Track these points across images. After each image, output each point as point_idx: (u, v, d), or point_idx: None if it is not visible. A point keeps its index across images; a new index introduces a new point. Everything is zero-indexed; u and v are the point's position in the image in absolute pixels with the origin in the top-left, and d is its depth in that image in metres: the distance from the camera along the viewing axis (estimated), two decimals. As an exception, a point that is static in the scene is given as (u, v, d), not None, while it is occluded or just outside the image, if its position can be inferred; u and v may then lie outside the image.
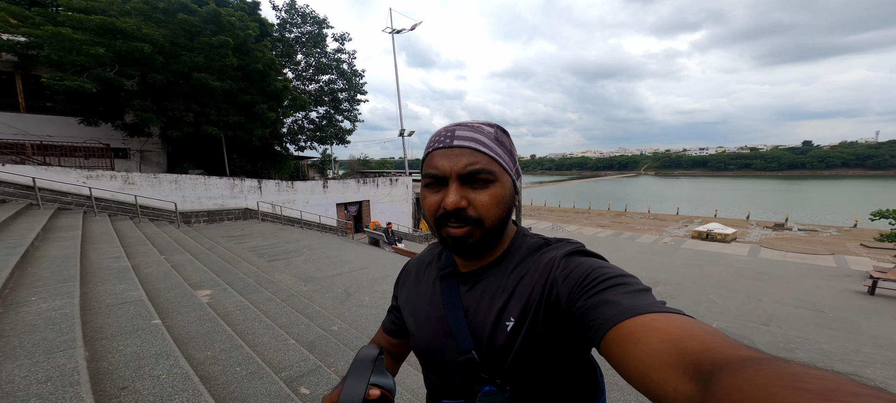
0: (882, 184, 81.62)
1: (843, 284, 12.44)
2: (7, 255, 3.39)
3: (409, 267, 0.73)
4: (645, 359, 0.34)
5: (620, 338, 0.38)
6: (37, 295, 2.67)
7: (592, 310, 0.43)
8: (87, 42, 8.57)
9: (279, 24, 17.57)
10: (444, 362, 0.59)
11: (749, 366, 0.25)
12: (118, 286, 3.30)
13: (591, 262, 0.50)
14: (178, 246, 6.25)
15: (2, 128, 10.14)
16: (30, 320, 2.24)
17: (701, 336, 0.33)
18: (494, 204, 0.53)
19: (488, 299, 0.56)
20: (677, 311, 0.39)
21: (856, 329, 7.02)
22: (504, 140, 0.56)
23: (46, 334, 2.07)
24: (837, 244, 22.39)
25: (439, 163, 0.53)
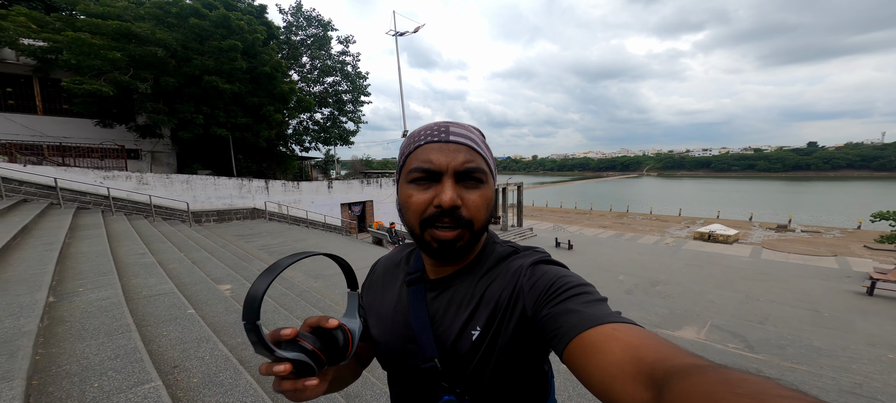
0: (888, 185, 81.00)
1: (842, 285, 12.55)
2: (47, 252, 3.67)
3: (376, 268, 0.71)
4: (606, 369, 0.36)
5: (582, 348, 0.39)
6: (83, 286, 2.93)
7: (556, 319, 0.44)
8: (105, 46, 8.89)
9: (285, 26, 17.91)
10: (406, 369, 0.59)
11: (695, 373, 0.28)
12: (150, 279, 3.57)
13: (555, 271, 0.51)
14: (194, 244, 6.53)
15: (20, 129, 10.50)
16: (84, 307, 2.50)
17: (654, 346, 0.36)
18: (484, 205, 0.53)
19: (455, 307, 0.56)
20: (631, 322, 0.42)
21: (850, 327, 7.19)
22: (486, 144, 0.57)
23: (103, 320, 2.34)
24: (840, 245, 22.38)
25: (434, 158, 0.51)
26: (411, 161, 0.53)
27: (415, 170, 0.52)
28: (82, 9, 9.58)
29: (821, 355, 4.65)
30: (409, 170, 0.53)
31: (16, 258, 3.34)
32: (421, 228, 0.52)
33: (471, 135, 0.54)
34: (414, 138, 0.54)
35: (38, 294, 2.43)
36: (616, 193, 72.54)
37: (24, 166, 7.85)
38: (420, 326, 0.56)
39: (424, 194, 0.51)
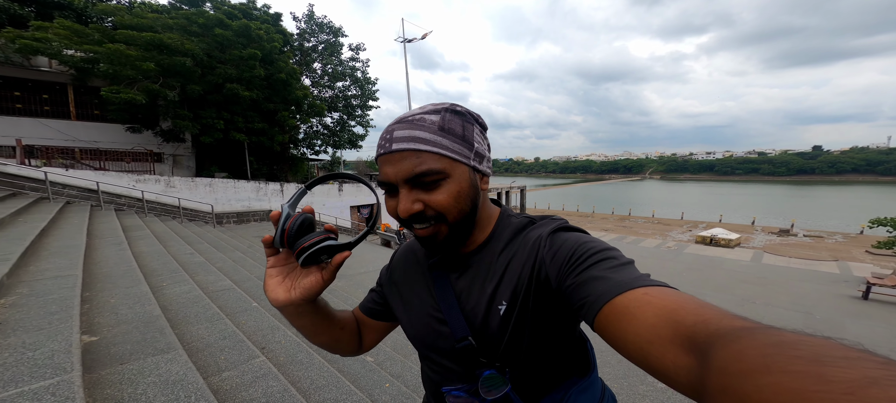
0: (893, 190, 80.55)
1: (839, 289, 12.87)
2: (121, 251, 4.20)
3: (396, 258, 0.72)
4: (641, 334, 0.35)
5: (614, 314, 0.38)
6: (165, 282, 3.46)
7: (582, 287, 0.43)
8: (140, 57, 9.49)
9: (298, 33, 18.53)
10: (440, 350, 0.60)
11: (744, 336, 0.26)
12: (209, 277, 4.09)
13: (575, 237, 0.51)
14: (226, 245, 7.07)
15: (54, 134, 11.13)
16: (177, 298, 3.03)
17: (693, 309, 0.34)
18: (452, 200, 0.51)
19: (479, 284, 0.56)
20: (664, 284, 0.40)
21: (840, 329, 7.59)
22: (453, 126, 0.52)
23: (197, 309, 2.85)
24: (842, 250, 22.59)
25: (385, 171, 0.52)
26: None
27: (379, 183, 0.55)
28: (118, 21, 10.19)
29: None
30: (378, 182, 0.56)
31: (100, 256, 3.87)
32: (407, 227, 0.54)
33: (416, 135, 0.50)
34: (376, 149, 0.55)
35: (141, 286, 2.95)
36: (618, 196, 72.69)
37: (67, 170, 8.44)
38: (448, 307, 0.57)
39: (392, 202, 0.53)
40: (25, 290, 2.41)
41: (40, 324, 1.90)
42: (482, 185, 0.56)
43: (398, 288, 0.68)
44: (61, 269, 2.95)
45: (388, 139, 0.52)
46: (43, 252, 3.49)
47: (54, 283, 2.58)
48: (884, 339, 7.18)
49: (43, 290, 2.43)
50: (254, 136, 14.07)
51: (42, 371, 1.46)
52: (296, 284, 0.54)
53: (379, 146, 0.53)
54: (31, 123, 10.78)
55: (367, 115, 20.64)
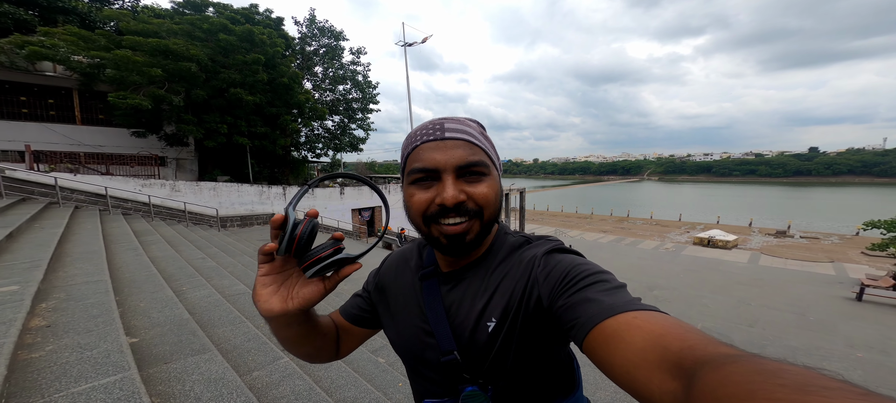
0: (889, 191, 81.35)
1: (834, 291, 13.09)
2: (137, 256, 4.36)
3: (386, 264, 0.71)
4: (629, 358, 0.35)
5: (604, 337, 0.38)
6: (184, 286, 3.61)
7: (573, 309, 0.44)
8: (147, 63, 9.64)
9: (300, 37, 18.72)
10: (425, 362, 0.59)
11: (729, 363, 0.27)
12: (223, 281, 4.25)
13: (569, 259, 0.51)
14: (234, 249, 7.21)
15: (60, 139, 11.24)
16: (199, 302, 3.19)
17: (680, 334, 0.34)
18: (492, 195, 0.52)
19: (470, 299, 0.56)
20: (653, 308, 0.40)
21: (832, 330, 7.79)
22: (486, 135, 0.57)
23: (219, 313, 3.01)
24: (838, 252, 22.87)
25: (431, 156, 0.51)
26: (411, 162, 0.54)
27: (414, 170, 0.53)
28: (123, 26, 10.34)
29: (797, 354, 5.27)
30: (410, 170, 0.53)
31: (120, 262, 4.02)
32: (426, 225, 0.52)
33: (467, 129, 0.53)
34: (411, 139, 0.54)
35: (165, 291, 3.11)
36: (617, 198, 73.05)
37: (74, 175, 8.57)
38: (436, 320, 0.56)
39: (426, 193, 0.52)
40: (63, 295, 2.56)
41: (87, 326, 2.06)
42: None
43: (386, 295, 0.67)
44: (90, 275, 3.11)
45: (438, 128, 0.53)
46: (67, 257, 3.64)
47: (88, 288, 2.74)
48: (874, 340, 7.37)
49: (79, 295, 2.59)
50: (256, 140, 14.22)
51: (104, 369, 1.62)
52: (293, 294, 0.51)
53: (421, 135, 0.53)
54: (37, 128, 10.90)
55: (367, 118, 20.83)
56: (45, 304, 2.37)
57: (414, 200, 0.53)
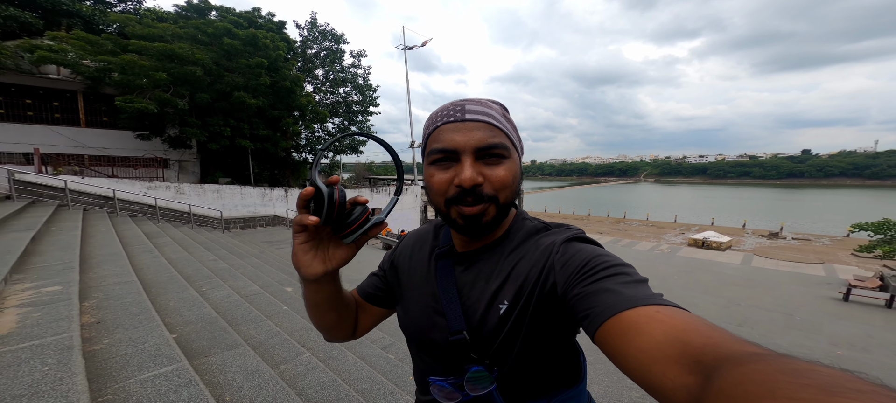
0: (879, 193, 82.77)
1: (822, 291, 13.46)
2: (155, 259, 4.55)
3: (404, 242, 0.72)
4: (646, 350, 0.34)
5: (620, 328, 0.38)
6: (204, 287, 3.82)
7: (589, 298, 0.43)
8: (153, 67, 9.81)
9: (301, 41, 18.92)
10: (432, 341, 0.59)
11: (752, 361, 0.26)
12: (240, 282, 4.46)
13: (590, 249, 0.50)
14: (242, 251, 7.40)
15: (65, 141, 11.36)
16: (221, 302, 3.40)
17: (704, 331, 0.33)
18: (510, 178, 0.52)
19: (483, 280, 0.56)
20: (675, 305, 0.40)
21: (818, 330, 8.11)
22: (509, 118, 0.56)
23: (241, 311, 3.23)
24: (829, 253, 23.35)
25: (451, 138, 0.52)
26: (431, 142, 0.54)
27: (434, 151, 0.53)
28: (129, 31, 10.49)
29: (781, 352, 5.57)
30: (430, 151, 0.54)
31: (140, 263, 4.22)
32: (446, 206, 0.53)
33: (488, 111, 0.53)
34: (433, 119, 0.55)
35: (189, 291, 3.32)
36: (614, 199, 73.68)
37: (82, 178, 8.72)
38: (448, 299, 0.57)
39: (445, 174, 0.52)
40: (101, 295, 2.77)
41: (132, 323, 2.28)
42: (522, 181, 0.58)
43: (400, 274, 0.68)
44: (119, 276, 3.31)
45: (459, 109, 0.53)
46: (92, 259, 3.83)
47: (121, 288, 2.95)
48: (857, 338, 7.69)
49: (115, 294, 2.80)
50: (258, 143, 14.39)
51: (159, 360, 1.84)
52: (329, 255, 0.54)
53: (442, 116, 0.53)
54: (43, 130, 11.01)
55: (367, 121, 21.05)
56: (87, 303, 2.58)
57: (434, 181, 0.53)
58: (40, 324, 1.92)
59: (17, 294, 2.36)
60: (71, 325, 1.93)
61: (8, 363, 1.52)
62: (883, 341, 7.50)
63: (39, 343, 1.70)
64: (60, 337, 1.78)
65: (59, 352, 1.63)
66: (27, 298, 2.29)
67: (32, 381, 1.40)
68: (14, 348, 1.64)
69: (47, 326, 1.90)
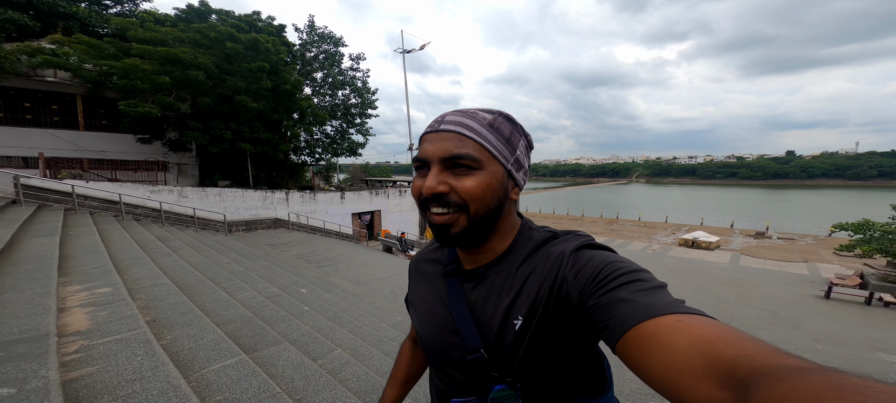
0: (860, 194, 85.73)
1: (805, 289, 14.07)
2: (175, 262, 4.72)
3: (413, 263, 0.73)
4: (670, 363, 0.33)
5: (641, 340, 0.36)
6: (230, 289, 4.02)
7: (607, 309, 0.42)
8: (156, 72, 9.88)
9: (300, 44, 19.02)
10: (450, 361, 0.59)
11: (795, 375, 0.24)
12: (259, 284, 4.66)
13: (602, 256, 0.49)
14: (252, 254, 7.56)
15: (63, 144, 11.32)
16: (249, 303, 3.61)
17: (736, 341, 0.31)
18: (479, 190, 0.51)
19: (495, 297, 0.55)
20: (699, 312, 0.38)
21: (800, 326, 8.59)
22: (502, 128, 0.54)
23: (269, 311, 3.45)
24: (812, 252, 24.26)
25: (424, 147, 0.54)
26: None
27: (414, 159, 0.55)
28: (132, 35, 10.53)
29: None
30: (413, 159, 0.56)
31: (164, 266, 4.38)
32: (422, 210, 0.54)
33: (465, 121, 0.53)
34: (424, 130, 0.57)
35: (219, 293, 3.53)
36: (607, 200, 74.83)
37: (87, 182, 8.75)
38: (461, 317, 0.57)
39: (419, 181, 0.54)
40: (145, 296, 2.97)
41: (184, 321, 2.50)
42: (512, 194, 0.56)
43: (414, 295, 0.69)
44: (152, 278, 3.50)
45: (439, 120, 0.54)
46: (122, 263, 4.00)
47: (160, 290, 3.15)
48: (837, 334, 8.17)
49: (157, 295, 3.00)
50: (259, 146, 14.47)
51: (221, 353, 2.07)
52: None
53: (428, 127, 0.55)
54: (41, 134, 10.96)
55: (365, 123, 21.21)
56: (137, 303, 2.78)
57: (412, 187, 0.55)
58: (111, 321, 2.13)
59: (72, 295, 2.55)
60: (138, 322, 2.14)
61: (104, 353, 1.74)
62: (861, 336, 7.99)
63: (120, 337, 1.92)
64: (136, 333, 2.00)
65: (141, 345, 1.85)
66: (85, 299, 2.48)
67: (133, 368, 1.63)
68: (102, 341, 1.86)
69: (119, 323, 2.12)
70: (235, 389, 1.77)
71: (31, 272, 2.73)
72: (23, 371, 1.38)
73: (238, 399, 1.70)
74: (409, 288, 0.72)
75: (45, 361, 1.45)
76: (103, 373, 1.57)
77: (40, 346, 1.58)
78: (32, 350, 1.53)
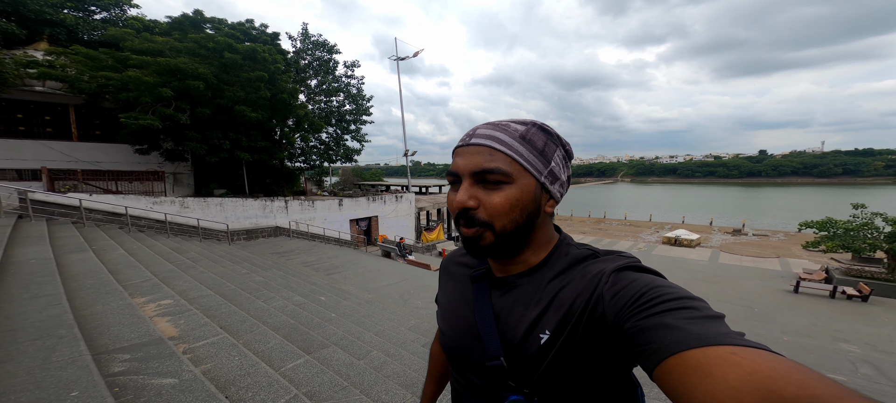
0: (826, 191, 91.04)
1: (776, 284, 15.14)
2: (201, 273, 4.99)
3: (444, 262, 0.74)
4: (716, 395, 0.30)
5: (684, 368, 0.34)
6: (260, 298, 4.34)
7: (647, 333, 0.39)
8: (157, 83, 9.95)
9: (294, 52, 19.14)
10: (470, 363, 0.59)
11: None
12: (284, 293, 4.98)
13: (647, 279, 0.46)
14: (263, 263, 7.78)
15: (57, 155, 11.17)
16: (285, 310, 3.95)
17: (798, 379, 0.28)
18: (507, 206, 0.51)
19: (522, 307, 0.55)
20: (762, 346, 0.34)
21: (771, 320, 9.40)
22: (535, 139, 0.54)
23: (304, 317, 3.80)
24: (784, 248, 25.91)
25: (456, 162, 0.54)
26: None
27: (448, 173, 0.56)
28: (127, 45, 10.53)
29: None
30: (447, 173, 0.57)
31: (198, 276, 4.66)
32: (456, 224, 0.55)
33: (496, 135, 0.53)
34: (457, 143, 0.57)
35: (258, 302, 3.86)
36: (594, 199, 76.86)
37: (91, 195, 8.76)
38: (484, 323, 0.57)
39: (451, 194, 0.55)
40: (200, 306, 3.28)
41: (245, 327, 2.85)
42: (547, 207, 0.56)
43: (442, 295, 0.70)
44: (195, 290, 3.80)
45: (470, 134, 0.55)
46: (160, 276, 4.25)
47: (208, 300, 3.47)
48: (802, 326, 8.98)
49: (209, 305, 3.33)
50: (256, 155, 14.56)
51: (289, 355, 2.45)
52: None
53: (460, 141, 0.56)
54: (35, 146, 10.81)
55: (360, 129, 21.44)
56: (199, 312, 3.11)
57: (447, 199, 0.56)
58: (193, 329, 2.48)
59: (143, 306, 2.86)
60: (215, 329, 2.50)
61: (207, 354, 2.10)
62: (824, 328, 8.81)
63: (210, 341, 2.28)
64: (220, 337, 2.36)
65: (230, 348, 2.22)
66: (156, 309, 2.81)
67: (237, 365, 2.00)
68: (199, 344, 2.21)
69: (200, 330, 2.47)
70: (314, 383, 2.16)
71: (97, 286, 3.02)
72: (169, 367, 1.75)
73: (319, 391, 2.10)
74: (439, 288, 0.73)
75: (179, 359, 1.83)
76: (219, 369, 1.95)
77: (164, 348, 1.95)
78: (162, 351, 1.90)
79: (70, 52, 9.55)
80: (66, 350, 1.68)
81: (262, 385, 1.84)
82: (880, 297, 12.26)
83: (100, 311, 2.46)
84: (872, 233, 14.26)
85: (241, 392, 1.76)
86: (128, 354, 1.85)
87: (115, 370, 1.69)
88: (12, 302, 2.30)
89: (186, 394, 1.55)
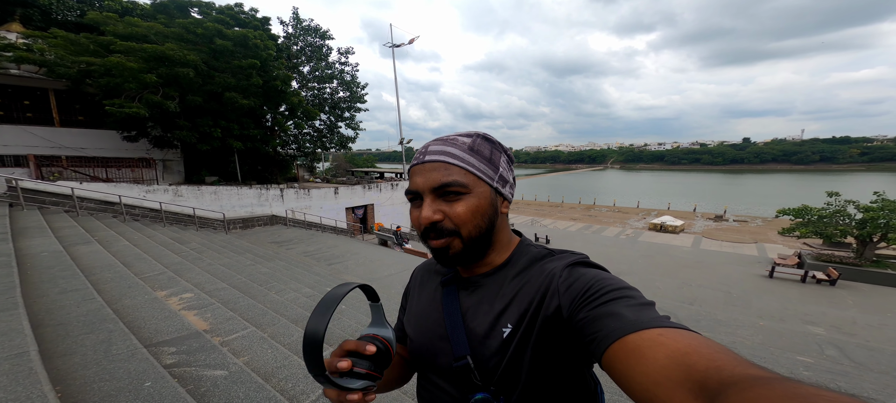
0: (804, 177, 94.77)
1: (753, 269, 15.86)
2: (210, 266, 5.07)
3: (415, 273, 0.76)
4: (649, 375, 0.35)
5: (624, 353, 0.38)
6: (271, 290, 4.48)
7: (594, 322, 0.44)
8: (142, 70, 9.58)
9: (285, 37, 18.51)
10: (437, 368, 0.61)
11: (758, 385, 0.26)
12: (292, 284, 5.12)
13: (593, 273, 0.52)
14: (264, 253, 7.85)
15: (39, 142, 10.75)
16: (297, 301, 4.11)
17: (707, 353, 0.34)
18: (469, 214, 0.55)
19: (487, 304, 0.58)
20: (682, 326, 0.40)
21: (748, 304, 9.93)
22: (482, 149, 0.58)
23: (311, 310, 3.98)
24: (761, 233, 27.10)
25: (414, 180, 0.57)
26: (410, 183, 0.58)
27: (407, 192, 0.59)
28: (110, 30, 10.05)
29: (720, 325, 6.91)
30: (406, 192, 0.59)
31: (207, 268, 4.75)
32: (423, 239, 0.58)
33: (448, 150, 0.56)
34: (412, 161, 0.60)
35: (272, 293, 4.00)
36: (584, 186, 78.12)
37: (81, 184, 8.56)
38: (452, 323, 0.59)
39: (416, 212, 0.57)
40: (218, 298, 3.41)
41: (268, 320, 3.01)
42: (502, 209, 0.60)
43: (412, 303, 0.72)
44: (208, 282, 3.92)
45: (423, 152, 0.58)
46: (172, 268, 4.34)
47: (226, 293, 3.60)
48: (776, 310, 9.47)
49: (229, 298, 3.46)
50: (249, 143, 14.29)
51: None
52: None
53: (414, 159, 0.60)
54: (14, 131, 10.36)
55: (354, 117, 21.13)
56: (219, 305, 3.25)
57: (411, 217, 0.59)
58: (221, 322, 2.63)
59: (166, 299, 2.98)
60: (243, 323, 2.65)
61: (242, 347, 2.26)
62: (795, 312, 9.30)
63: (241, 334, 2.44)
64: (250, 331, 2.52)
65: (261, 340, 2.38)
66: (180, 303, 2.94)
67: (272, 357, 2.17)
68: (232, 337, 2.37)
69: (228, 323, 2.62)
70: (342, 369, 2.36)
71: (117, 280, 3.12)
72: (214, 359, 1.91)
73: (347, 377, 2.30)
74: (407, 298, 0.75)
75: (221, 352, 1.99)
76: (257, 361, 2.12)
77: (205, 341, 2.10)
78: (203, 345, 2.05)
79: (49, 36, 9.08)
80: (121, 343, 1.82)
81: (299, 377, 2.02)
82: (847, 281, 13.07)
83: (129, 305, 2.58)
84: (844, 220, 15.06)
85: (281, 383, 1.93)
86: (173, 347, 2.00)
87: (168, 362, 1.85)
88: (45, 298, 2.39)
89: (239, 385, 1.72)
